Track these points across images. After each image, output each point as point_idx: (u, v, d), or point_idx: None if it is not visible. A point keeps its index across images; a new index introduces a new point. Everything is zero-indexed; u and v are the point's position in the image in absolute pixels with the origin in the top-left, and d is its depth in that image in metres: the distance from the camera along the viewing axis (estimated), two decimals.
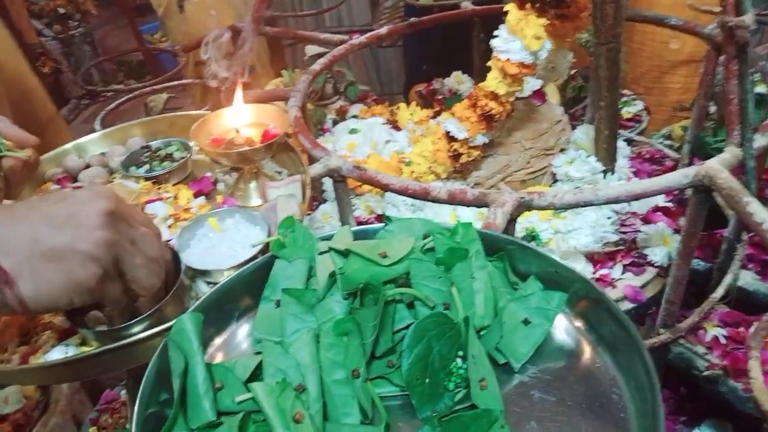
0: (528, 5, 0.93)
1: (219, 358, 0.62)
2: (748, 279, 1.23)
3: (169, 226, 0.84)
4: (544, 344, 0.59)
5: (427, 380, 0.54)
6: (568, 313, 0.62)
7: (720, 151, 1.48)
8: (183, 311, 0.64)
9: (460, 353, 0.55)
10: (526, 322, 0.60)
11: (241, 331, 0.65)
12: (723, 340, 1.09)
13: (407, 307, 0.59)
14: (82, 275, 0.56)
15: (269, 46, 2.83)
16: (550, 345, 0.59)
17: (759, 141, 0.87)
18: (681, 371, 1.11)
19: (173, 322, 0.58)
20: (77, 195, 0.60)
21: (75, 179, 0.98)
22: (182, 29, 2.63)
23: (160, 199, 0.88)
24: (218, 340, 0.64)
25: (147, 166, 0.95)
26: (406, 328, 0.57)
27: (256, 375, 0.56)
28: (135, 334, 0.66)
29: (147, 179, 0.91)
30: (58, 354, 0.69)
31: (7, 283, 0.54)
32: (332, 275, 0.60)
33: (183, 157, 0.96)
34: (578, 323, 0.61)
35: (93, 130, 1.12)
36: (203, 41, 1.07)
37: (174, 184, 0.93)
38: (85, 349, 0.69)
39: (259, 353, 0.58)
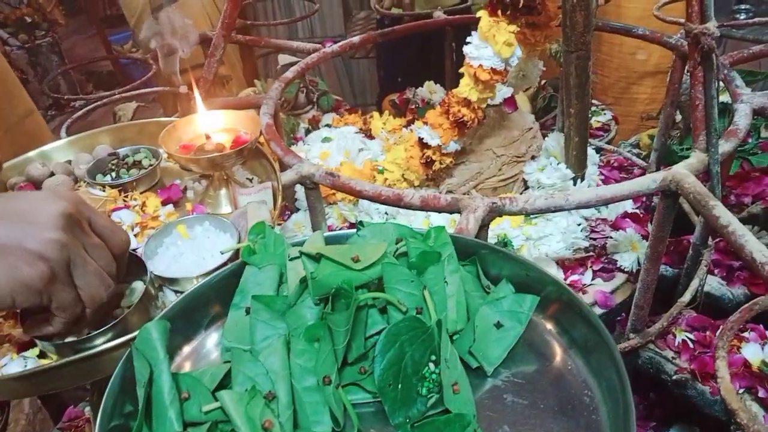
0: (499, 12, 0.94)
1: (187, 368, 0.60)
2: (714, 284, 1.26)
3: (136, 235, 0.82)
4: (516, 347, 0.59)
5: (399, 385, 0.53)
6: (540, 316, 0.62)
7: (686, 158, 1.52)
8: (148, 321, 0.62)
9: (433, 358, 0.55)
10: (498, 325, 0.60)
11: (210, 340, 0.63)
12: (691, 344, 1.11)
13: (380, 312, 0.59)
14: (28, 274, 0.53)
15: (242, 56, 2.81)
16: (522, 348, 0.59)
17: (723, 146, 0.89)
18: (650, 376, 1.13)
19: (135, 333, 0.56)
20: (36, 194, 0.59)
21: (38, 188, 0.95)
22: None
23: (127, 207, 0.86)
24: (186, 350, 0.62)
25: (114, 174, 0.93)
26: (379, 333, 0.57)
27: (225, 384, 0.54)
28: (97, 346, 0.64)
29: (113, 187, 0.89)
30: (16, 367, 0.66)
31: None
32: (303, 281, 0.59)
33: (151, 165, 0.94)
34: (550, 326, 0.61)
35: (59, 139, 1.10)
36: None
37: (142, 192, 0.91)
38: (45, 362, 0.67)
39: (228, 362, 0.57)
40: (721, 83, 1.10)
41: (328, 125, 1.76)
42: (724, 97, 1.41)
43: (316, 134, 1.68)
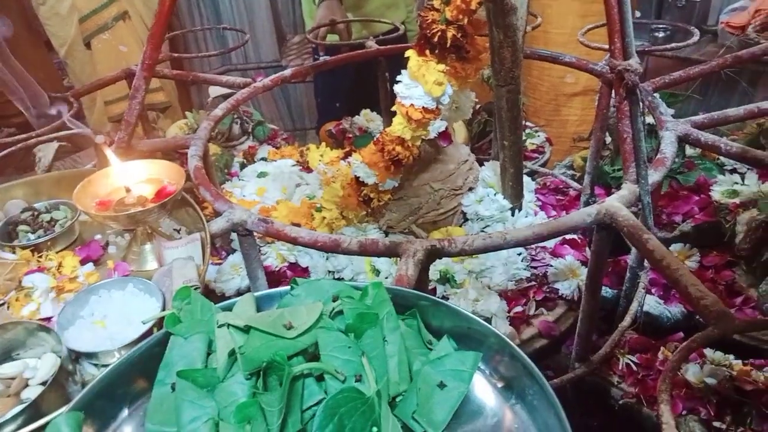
0: (427, 52, 0.93)
1: None
2: (652, 303, 1.29)
3: (52, 300, 0.76)
4: (461, 407, 0.57)
5: None
6: (485, 371, 0.60)
7: (618, 179, 1.56)
8: (65, 401, 0.57)
9: (375, 429, 0.52)
10: (441, 385, 0.57)
11: (134, 421, 0.58)
12: (635, 367, 1.12)
13: (316, 381, 0.55)
14: None
15: (176, 84, 2.73)
16: (467, 407, 0.57)
17: (653, 176, 0.91)
18: (597, 400, 1.14)
19: (49, 418, 0.51)
20: None
21: None
22: (87, 70, 2.48)
23: (41, 270, 0.80)
24: None
25: (27, 234, 0.86)
26: (317, 404, 0.53)
27: None
28: None
29: (25, 248, 0.82)
30: None
31: None
32: (233, 353, 0.55)
33: (68, 222, 0.88)
34: (495, 381, 0.60)
35: None
36: None
37: (58, 251, 0.85)
38: None
39: None
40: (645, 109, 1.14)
41: (264, 158, 1.72)
42: (649, 119, 1.45)
43: (251, 168, 1.63)
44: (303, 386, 0.54)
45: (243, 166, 1.69)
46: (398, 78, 0.99)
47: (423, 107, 0.96)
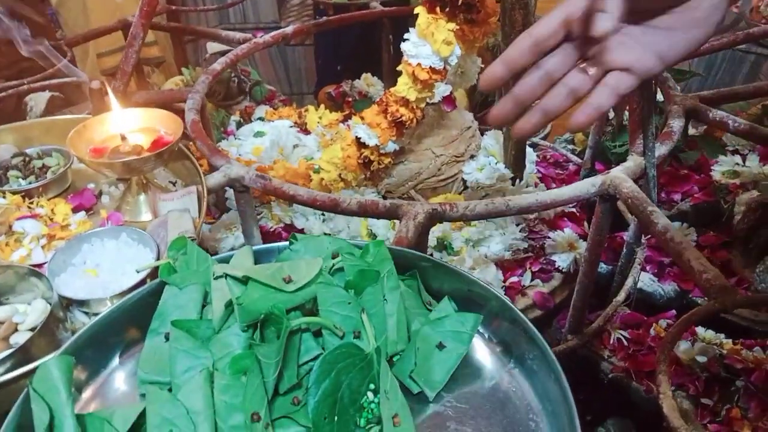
0: (438, 9, 0.90)
1: (96, 404, 0.54)
2: (646, 280, 1.29)
3: (43, 247, 0.74)
4: (459, 368, 0.56)
5: (336, 418, 0.49)
6: (484, 334, 0.60)
7: (620, 155, 1.54)
8: (55, 347, 0.56)
9: (372, 386, 0.51)
10: (440, 346, 0.57)
11: (126, 370, 0.57)
12: (625, 342, 1.13)
13: (314, 336, 0.54)
14: None
15: (172, 40, 2.66)
16: (465, 369, 0.57)
17: (659, 150, 0.89)
18: (586, 374, 1.14)
19: (38, 363, 0.50)
20: None
21: None
22: (81, 21, 2.40)
23: (33, 216, 0.77)
24: (97, 381, 0.56)
25: (18, 180, 0.84)
26: (314, 359, 0.52)
27: (140, 424, 0.48)
28: None
29: (15, 193, 0.80)
30: None
31: None
32: (229, 304, 0.54)
33: (60, 169, 0.85)
34: (494, 345, 0.59)
35: None
36: None
37: (50, 198, 0.83)
38: None
39: (144, 395, 0.52)
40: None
41: (261, 118, 1.68)
42: (658, 96, 1.43)
43: (248, 128, 1.60)
44: (300, 341, 0.53)
45: (239, 125, 1.66)
46: (406, 36, 0.97)
47: (430, 67, 0.93)
